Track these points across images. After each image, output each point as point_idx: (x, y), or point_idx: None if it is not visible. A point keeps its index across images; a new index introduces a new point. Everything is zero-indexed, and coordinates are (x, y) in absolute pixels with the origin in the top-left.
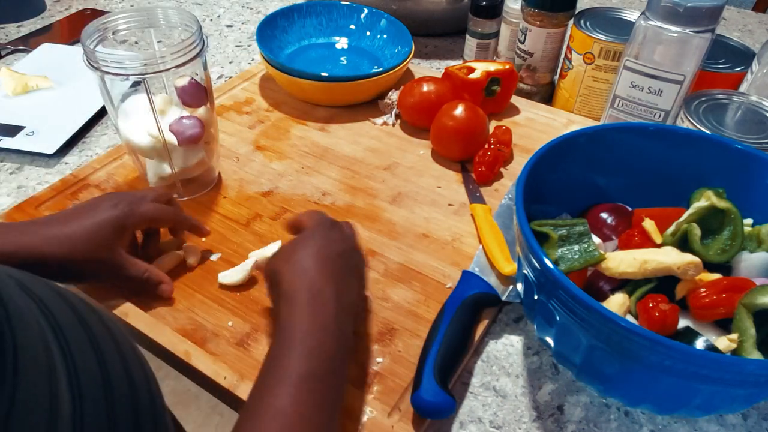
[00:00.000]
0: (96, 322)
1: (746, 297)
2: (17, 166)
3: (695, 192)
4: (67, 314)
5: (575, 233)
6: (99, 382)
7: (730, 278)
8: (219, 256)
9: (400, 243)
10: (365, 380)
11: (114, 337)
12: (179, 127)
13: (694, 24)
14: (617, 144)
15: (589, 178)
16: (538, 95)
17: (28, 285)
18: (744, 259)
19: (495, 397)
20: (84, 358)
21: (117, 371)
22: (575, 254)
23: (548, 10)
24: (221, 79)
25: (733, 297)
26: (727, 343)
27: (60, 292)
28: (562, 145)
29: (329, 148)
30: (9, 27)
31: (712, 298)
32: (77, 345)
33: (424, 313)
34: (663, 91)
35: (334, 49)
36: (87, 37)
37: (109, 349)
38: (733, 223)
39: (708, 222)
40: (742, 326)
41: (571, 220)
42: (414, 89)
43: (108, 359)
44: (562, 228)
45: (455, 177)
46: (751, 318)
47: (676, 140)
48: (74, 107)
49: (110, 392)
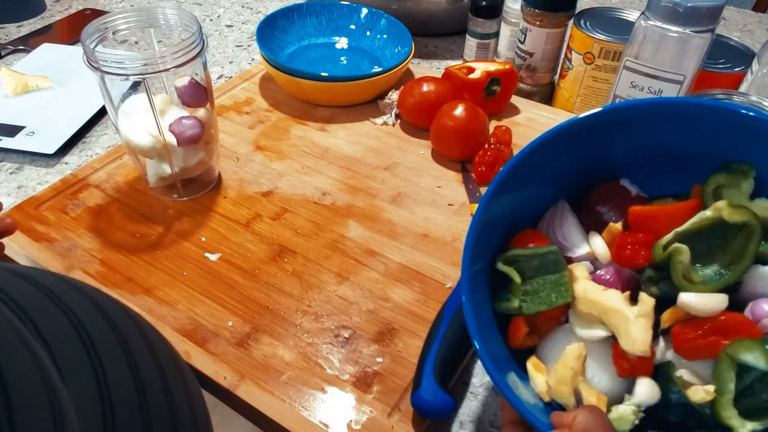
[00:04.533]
0: (134, 333)
1: (731, 347)
2: (17, 166)
3: (710, 178)
4: (102, 328)
5: (549, 262)
6: (135, 402)
7: (725, 315)
8: (219, 256)
9: (400, 243)
10: (365, 380)
11: (152, 347)
12: (179, 127)
13: (694, 24)
14: (619, 122)
15: (590, 159)
16: (538, 95)
17: (58, 294)
18: (757, 274)
19: (495, 397)
20: (118, 373)
21: (155, 388)
22: (545, 289)
23: (548, 10)
24: (221, 79)
25: (719, 343)
26: (703, 395)
27: (95, 301)
28: (553, 138)
29: (329, 148)
30: (9, 27)
31: (695, 342)
32: (111, 360)
33: (424, 313)
34: (663, 91)
35: (334, 49)
36: (87, 37)
37: (146, 361)
38: (749, 240)
39: (721, 229)
40: (722, 379)
41: (543, 249)
42: (414, 89)
43: (144, 375)
44: (533, 258)
45: (455, 177)
46: (733, 370)
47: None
48: (74, 107)
49: (146, 412)
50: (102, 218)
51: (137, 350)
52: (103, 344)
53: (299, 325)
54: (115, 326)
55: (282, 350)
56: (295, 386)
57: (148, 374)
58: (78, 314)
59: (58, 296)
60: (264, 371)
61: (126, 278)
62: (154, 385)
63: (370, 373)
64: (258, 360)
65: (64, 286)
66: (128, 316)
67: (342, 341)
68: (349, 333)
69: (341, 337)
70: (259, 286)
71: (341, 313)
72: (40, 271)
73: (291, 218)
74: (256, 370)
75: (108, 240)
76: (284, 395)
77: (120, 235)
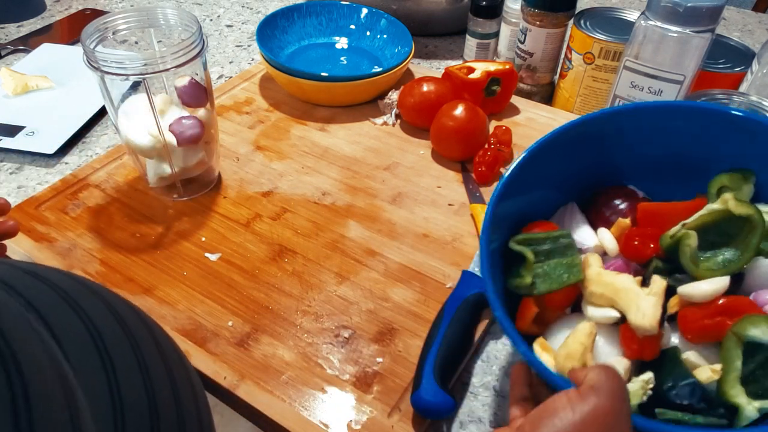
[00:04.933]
0: (145, 334)
1: (737, 325)
2: (17, 166)
3: (715, 179)
4: (114, 328)
5: (560, 246)
6: (144, 403)
7: (729, 298)
8: (219, 256)
9: (400, 243)
10: (365, 380)
11: (160, 348)
12: (179, 127)
13: (694, 24)
14: (625, 127)
15: (597, 163)
16: (538, 95)
17: (69, 292)
18: (759, 266)
19: (495, 397)
20: (129, 375)
21: (164, 390)
22: (557, 273)
23: (548, 10)
24: (221, 79)
25: (725, 323)
26: (709, 374)
27: (105, 299)
28: (559, 138)
29: (329, 148)
30: (9, 27)
31: (702, 323)
32: (123, 362)
33: (424, 313)
34: (663, 91)
35: (334, 49)
36: (87, 37)
37: (156, 363)
38: (752, 233)
39: (725, 225)
40: (729, 356)
41: (556, 233)
42: (414, 89)
43: (154, 377)
44: (545, 243)
45: (455, 177)
46: (740, 348)
47: (685, 117)
48: (74, 107)
49: (155, 414)
50: (102, 218)
51: (147, 352)
52: (115, 345)
53: (299, 325)
54: (126, 326)
55: (282, 350)
56: (295, 386)
57: (157, 376)
58: (89, 314)
59: (69, 294)
60: (264, 371)
61: (126, 278)
62: (164, 387)
63: (370, 373)
64: (258, 360)
65: (74, 285)
66: (138, 316)
67: (342, 341)
68: (349, 333)
69: (341, 337)
70: (259, 286)
71: (341, 313)
72: (51, 269)
73: (291, 218)
74: (256, 370)
75: (108, 240)
76: (284, 395)
77: (120, 235)
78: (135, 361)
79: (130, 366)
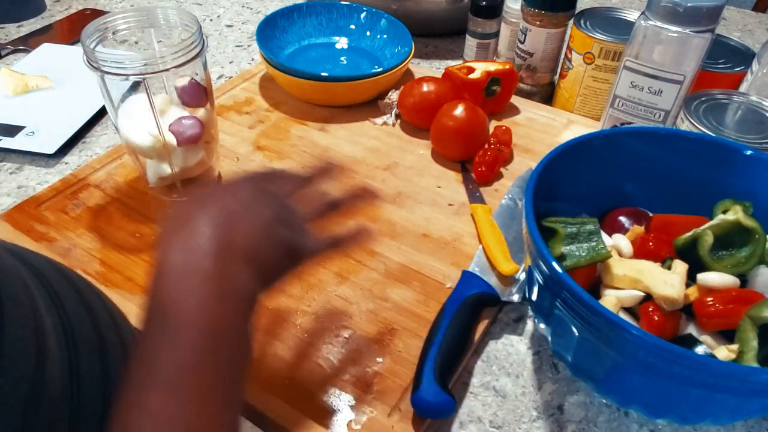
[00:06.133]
0: (85, 286)
1: (753, 309)
2: (17, 166)
3: (719, 203)
4: (62, 283)
5: (585, 231)
6: (94, 340)
7: (741, 290)
8: None
9: (400, 243)
10: (365, 380)
11: (99, 294)
12: (179, 127)
13: (694, 24)
14: (634, 148)
15: (610, 181)
16: (538, 95)
17: (24, 255)
18: (761, 273)
19: (495, 397)
20: (79, 319)
21: (109, 330)
22: (582, 251)
23: (548, 10)
24: (221, 79)
25: (740, 309)
26: (726, 353)
27: (52, 263)
28: (579, 147)
29: (329, 148)
30: (9, 27)
31: (717, 307)
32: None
33: (424, 313)
34: (663, 91)
35: (334, 49)
36: (87, 37)
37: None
38: (755, 243)
39: (729, 237)
40: (745, 337)
41: (582, 219)
42: (414, 89)
43: (100, 318)
44: (572, 225)
45: (455, 177)
46: (755, 330)
47: (692, 146)
48: (74, 107)
49: (103, 344)
50: (102, 218)
51: (88, 294)
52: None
53: (299, 325)
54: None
55: (282, 350)
56: (295, 386)
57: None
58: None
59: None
60: (264, 371)
61: (126, 278)
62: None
63: (370, 373)
64: (258, 360)
65: (27, 251)
66: (77, 275)
67: (342, 341)
68: (349, 333)
69: (341, 337)
70: None
71: (341, 313)
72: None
73: None
74: (255, 370)
75: (108, 240)
76: (284, 395)
77: (120, 234)
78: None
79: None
